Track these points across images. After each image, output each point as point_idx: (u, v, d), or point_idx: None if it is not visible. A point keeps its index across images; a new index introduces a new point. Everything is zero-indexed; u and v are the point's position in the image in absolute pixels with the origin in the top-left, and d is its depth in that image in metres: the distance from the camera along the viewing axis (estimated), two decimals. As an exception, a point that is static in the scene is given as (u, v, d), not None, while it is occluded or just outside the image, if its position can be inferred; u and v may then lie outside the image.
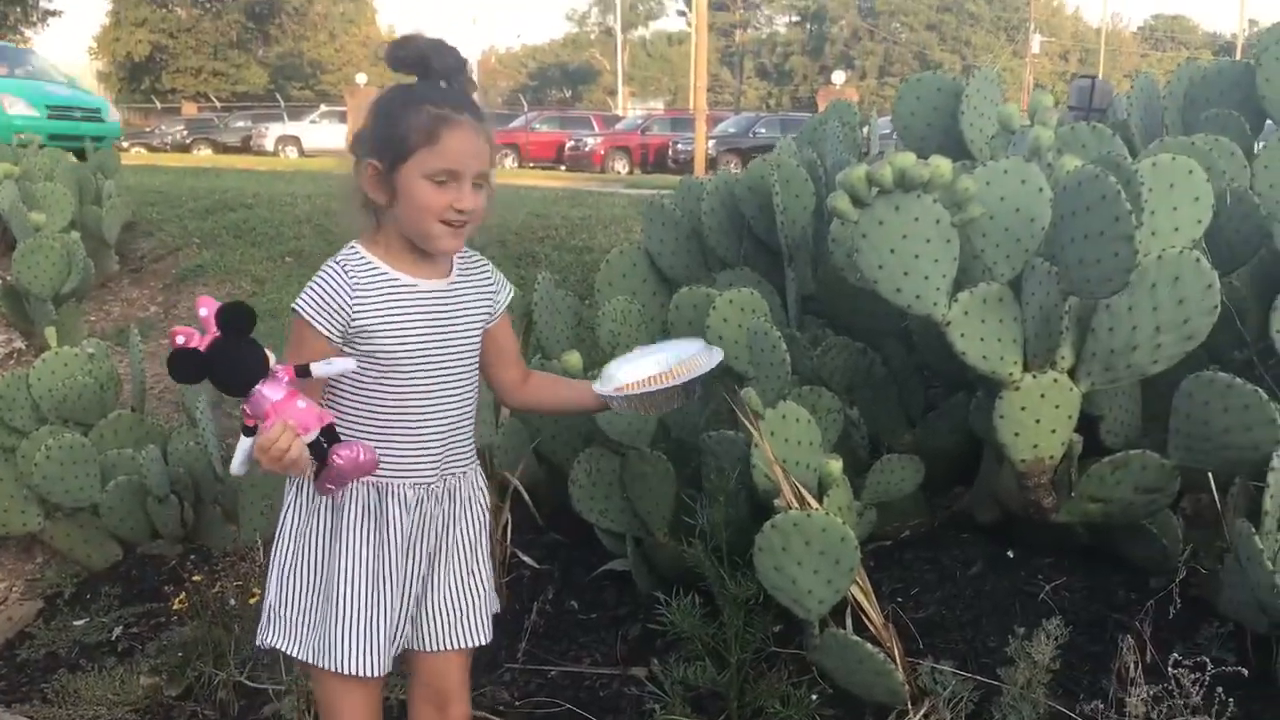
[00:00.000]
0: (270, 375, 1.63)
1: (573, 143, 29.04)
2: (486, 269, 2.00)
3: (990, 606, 2.51)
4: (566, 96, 65.20)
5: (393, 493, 1.86)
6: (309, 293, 1.79)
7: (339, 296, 1.78)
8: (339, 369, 1.71)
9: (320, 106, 35.81)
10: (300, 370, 1.66)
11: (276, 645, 1.91)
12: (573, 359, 2.62)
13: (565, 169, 27.52)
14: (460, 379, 1.91)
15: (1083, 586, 2.52)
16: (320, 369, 1.68)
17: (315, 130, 32.29)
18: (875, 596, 2.35)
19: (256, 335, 1.65)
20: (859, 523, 2.59)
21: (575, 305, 3.36)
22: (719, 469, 2.53)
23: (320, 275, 1.80)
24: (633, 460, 2.80)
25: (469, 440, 1.98)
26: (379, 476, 1.81)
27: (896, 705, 2.24)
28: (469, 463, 1.98)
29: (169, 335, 1.65)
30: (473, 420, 1.98)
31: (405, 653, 1.99)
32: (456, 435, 1.93)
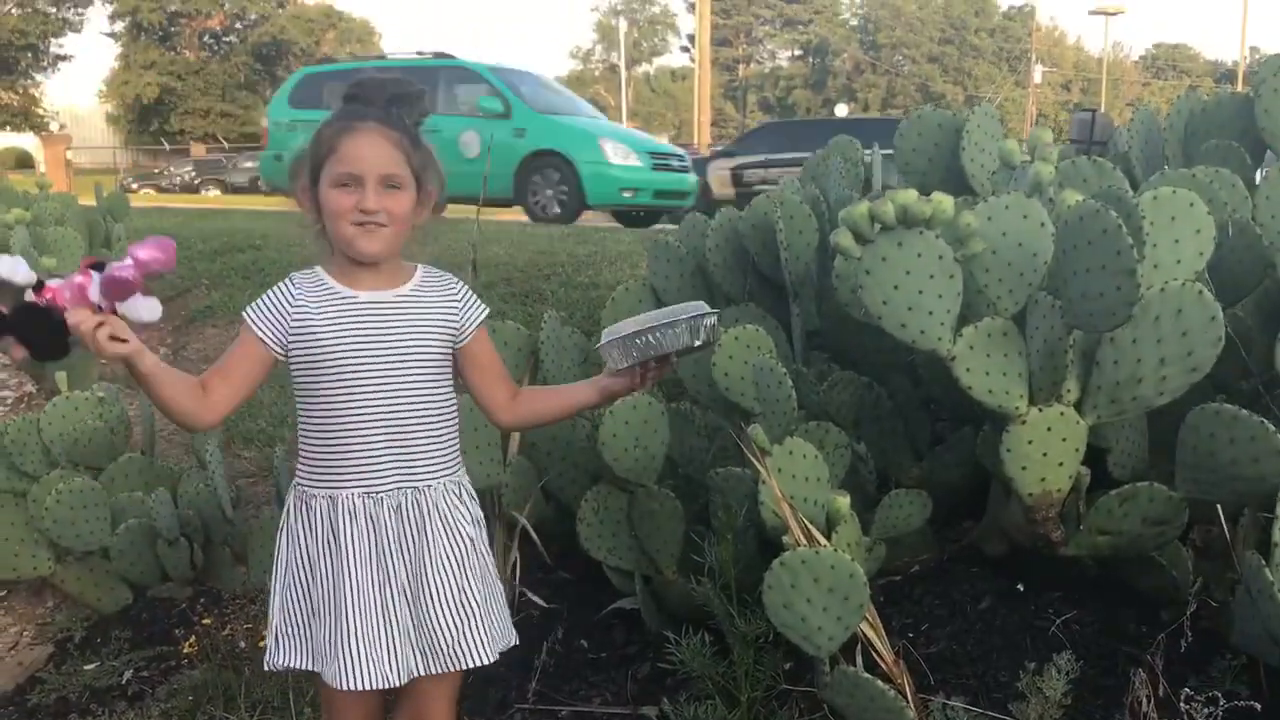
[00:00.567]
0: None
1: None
2: (453, 286, 2.02)
3: (1001, 641, 2.50)
4: (572, 133, 65.54)
5: (344, 503, 1.91)
6: (257, 302, 1.92)
7: (280, 306, 1.90)
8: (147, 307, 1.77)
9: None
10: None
11: (278, 665, 1.98)
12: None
13: (572, 205, 27.62)
14: (409, 388, 1.92)
15: (1093, 620, 2.51)
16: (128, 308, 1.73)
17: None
18: (885, 632, 2.35)
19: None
20: (868, 558, 2.59)
21: (581, 342, 3.37)
22: (726, 506, 2.53)
23: (272, 288, 1.93)
24: (640, 497, 2.81)
25: (432, 454, 1.96)
26: (333, 485, 1.90)
27: (908, 742, 2.23)
28: (434, 476, 1.96)
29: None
30: (437, 435, 1.96)
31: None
32: (410, 445, 1.93)
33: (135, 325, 1.72)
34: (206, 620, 3.38)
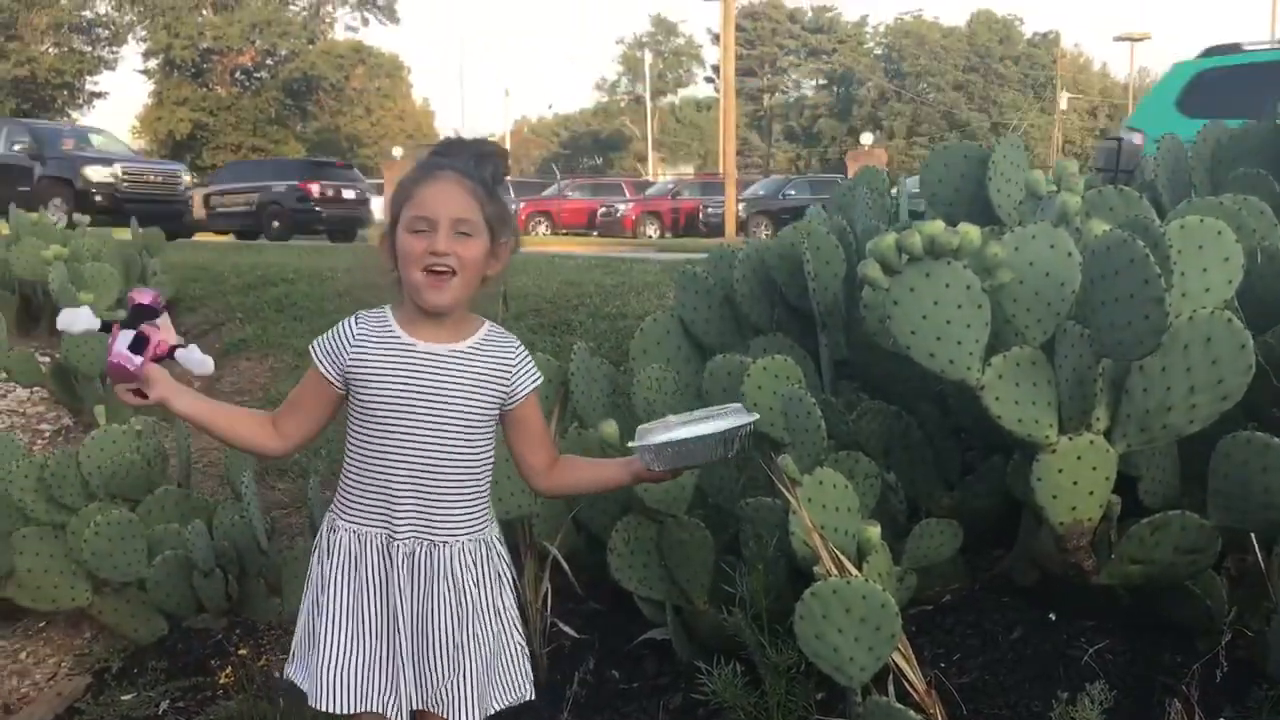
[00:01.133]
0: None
1: (604, 209, 29.41)
2: (512, 350, 2.01)
3: (1033, 671, 2.49)
4: (598, 163, 66.05)
5: (367, 538, 1.97)
6: (322, 336, 1.99)
7: (340, 342, 1.96)
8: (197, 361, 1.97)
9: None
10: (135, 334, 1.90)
11: (288, 675, 2.05)
12: (609, 429, 2.65)
13: (597, 234, 27.86)
14: (442, 444, 1.94)
15: (1126, 649, 2.50)
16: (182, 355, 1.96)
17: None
18: (917, 662, 2.35)
19: None
20: (899, 588, 2.59)
21: (611, 373, 3.40)
22: (757, 536, 2.54)
23: (338, 324, 1.99)
24: (671, 528, 2.82)
25: (455, 512, 1.97)
26: (357, 520, 1.97)
27: (942, 773, 2.23)
28: (452, 534, 1.97)
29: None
30: (464, 494, 1.98)
31: None
32: (433, 499, 1.95)
33: (189, 376, 1.81)
34: (242, 651, 3.42)
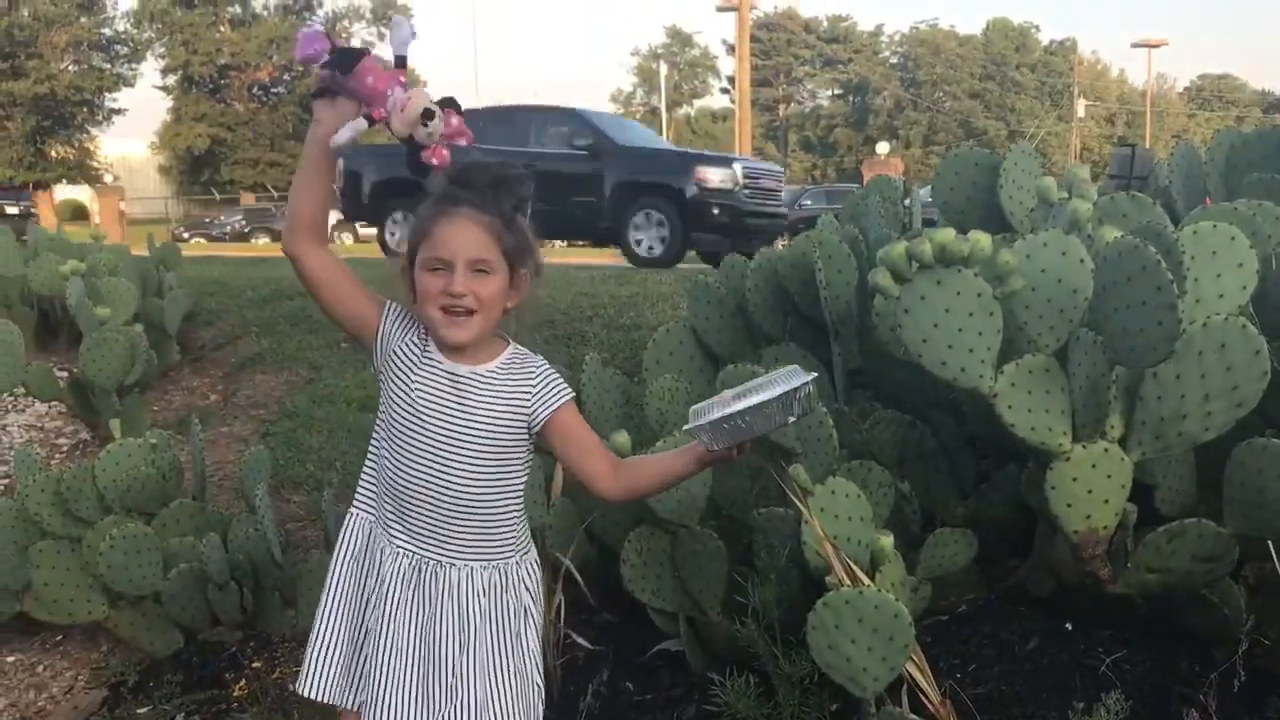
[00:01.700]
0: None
1: (621, 220, 29.36)
2: (534, 371, 1.99)
3: (1050, 681, 2.47)
4: (614, 175, 66.03)
5: (376, 540, 2.01)
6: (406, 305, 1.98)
7: (403, 323, 1.97)
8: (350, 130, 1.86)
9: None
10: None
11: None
12: (621, 438, 2.65)
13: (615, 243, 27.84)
14: (456, 464, 1.92)
15: (1144, 659, 2.48)
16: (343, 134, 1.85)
17: (367, 217, 33.03)
18: (932, 673, 2.33)
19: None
20: (913, 598, 2.57)
21: (624, 384, 3.39)
22: (769, 547, 2.53)
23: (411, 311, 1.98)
24: (683, 539, 2.81)
25: (469, 536, 1.96)
26: (370, 517, 2.02)
27: (957, 785, 2.21)
28: (462, 557, 1.96)
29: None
30: (479, 518, 1.96)
31: None
32: (446, 519, 1.94)
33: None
34: (256, 664, 3.42)
